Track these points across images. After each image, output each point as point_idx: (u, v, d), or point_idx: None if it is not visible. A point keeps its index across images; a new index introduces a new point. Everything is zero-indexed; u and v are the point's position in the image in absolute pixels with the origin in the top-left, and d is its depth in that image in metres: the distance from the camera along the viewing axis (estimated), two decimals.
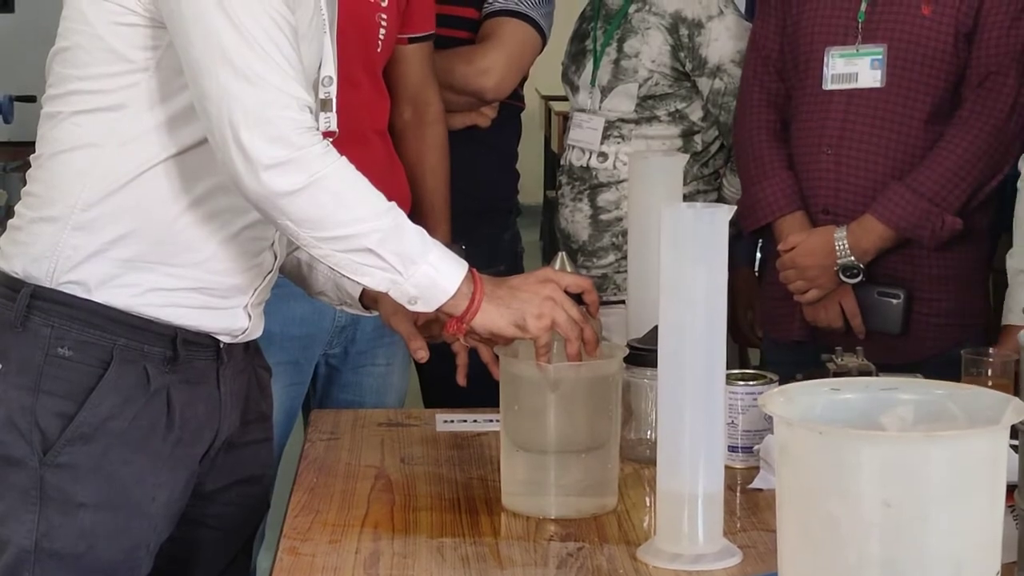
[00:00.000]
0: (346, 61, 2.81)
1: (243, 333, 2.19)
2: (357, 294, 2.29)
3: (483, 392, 2.35)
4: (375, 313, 2.33)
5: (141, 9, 1.99)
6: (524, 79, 3.38)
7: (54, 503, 2.05)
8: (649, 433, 2.27)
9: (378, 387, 3.03)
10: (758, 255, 3.35)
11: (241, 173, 1.92)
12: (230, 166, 1.94)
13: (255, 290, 2.19)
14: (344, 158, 2.01)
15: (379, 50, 2.95)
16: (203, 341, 2.14)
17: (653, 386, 2.11)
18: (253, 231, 2.14)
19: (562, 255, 2.32)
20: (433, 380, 3.24)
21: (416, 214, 2.95)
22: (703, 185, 3.29)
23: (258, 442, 2.32)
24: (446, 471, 2.35)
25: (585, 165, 3.30)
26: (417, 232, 2.03)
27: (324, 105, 2.19)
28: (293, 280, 2.40)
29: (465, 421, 2.58)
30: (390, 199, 2.26)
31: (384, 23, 2.94)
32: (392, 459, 2.40)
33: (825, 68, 3.03)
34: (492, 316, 2.04)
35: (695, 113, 3.28)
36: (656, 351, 1.99)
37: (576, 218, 3.31)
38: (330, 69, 2.20)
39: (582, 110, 3.33)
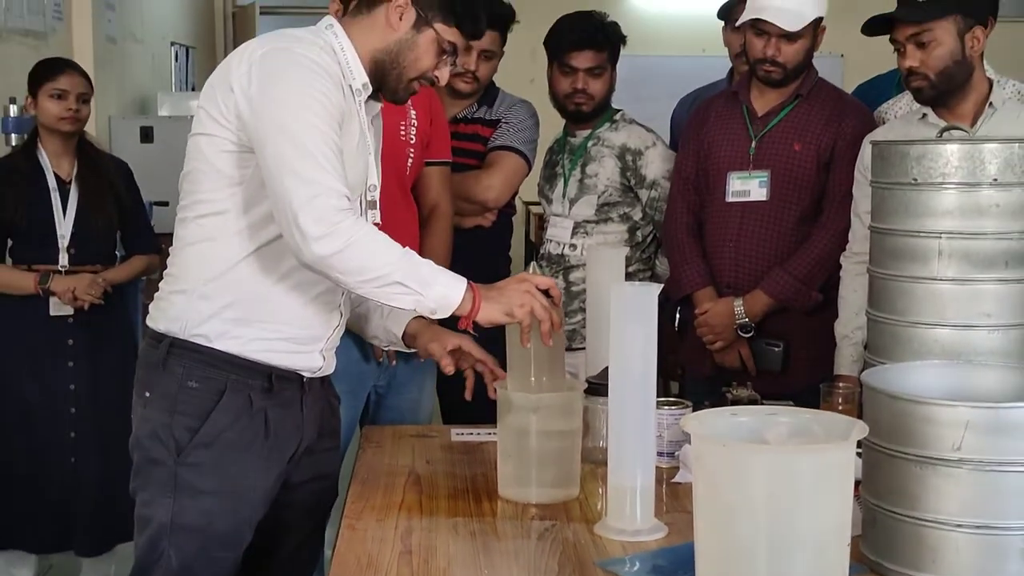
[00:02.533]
0: (384, 181, 2.86)
1: (319, 370, 2.18)
2: (400, 336, 2.30)
3: (484, 414, 2.35)
4: (413, 349, 2.33)
5: (236, 140, 2.02)
6: (515, 193, 3.39)
7: (184, 491, 2.06)
8: (601, 442, 2.25)
9: (412, 410, 3.00)
10: (677, 316, 3.34)
11: (299, 245, 1.94)
12: (292, 242, 1.95)
13: (327, 339, 2.18)
14: (370, 224, 2.03)
15: (408, 173, 2.95)
16: (291, 376, 2.13)
17: (604, 409, 2.09)
18: (325, 296, 2.14)
19: (534, 264, 2.32)
20: (449, 405, 3.23)
21: None
22: (641, 266, 3.28)
23: (329, 449, 2.30)
24: (458, 469, 2.34)
25: (560, 253, 3.28)
26: (428, 264, 2.03)
27: (371, 205, 2.20)
28: (353, 329, 2.39)
29: (472, 434, 2.56)
30: None
31: (411, 155, 2.95)
32: (420, 461, 2.39)
33: (727, 186, 3.04)
34: (489, 311, 2.04)
35: (637, 215, 3.27)
36: (607, 385, 2.00)
37: None
38: (374, 179, 2.20)
39: (556, 215, 3.33)
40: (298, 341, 2.13)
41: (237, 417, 2.08)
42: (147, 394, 2.11)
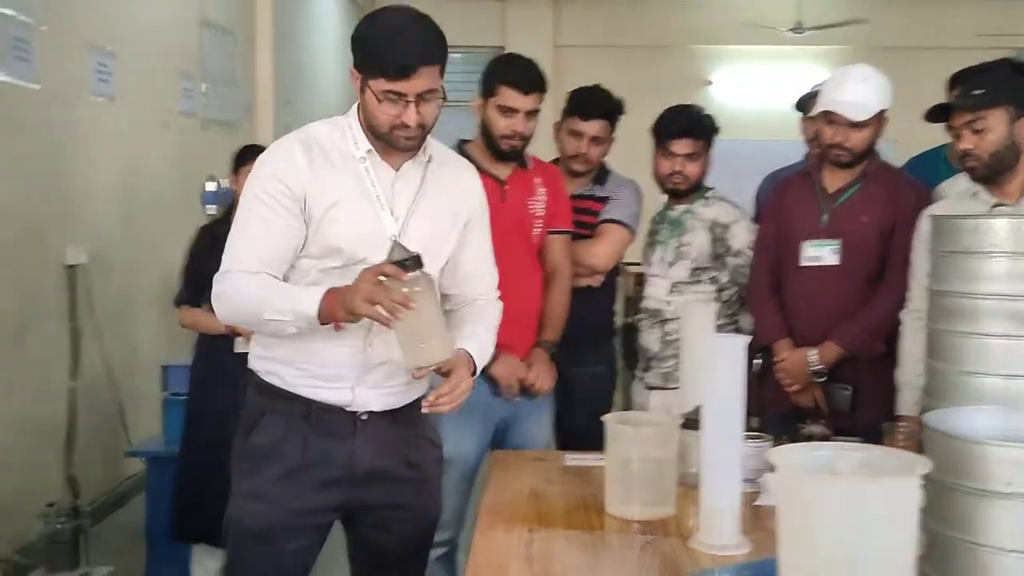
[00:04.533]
0: (514, 247, 2.88)
1: (351, 404, 2.09)
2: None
3: (591, 443, 2.36)
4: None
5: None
6: (621, 258, 3.37)
7: (234, 492, 2.13)
8: (693, 468, 2.22)
9: (532, 438, 3.00)
10: (757, 362, 3.28)
11: None
12: None
13: (354, 378, 2.08)
14: (239, 278, 2.01)
15: (534, 240, 2.98)
16: (334, 409, 2.09)
17: (698, 440, 2.06)
18: (348, 343, 2.06)
19: (394, 241, 2.00)
20: (562, 435, 3.21)
21: (542, 323, 2.99)
22: (726, 320, 3.22)
23: (410, 480, 2.17)
24: (571, 489, 2.32)
25: (658, 308, 3.26)
26: (286, 291, 1.99)
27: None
28: None
29: (582, 459, 2.54)
30: (534, 314, 2.54)
31: (538, 225, 2.98)
32: (539, 481, 2.38)
33: (801, 253, 3.00)
34: (337, 313, 1.93)
35: (724, 278, 3.23)
36: (699, 420, 1.98)
37: (651, 338, 3.27)
38: (393, 229, 2.05)
39: (655, 275, 3.30)
40: (323, 378, 2.08)
41: (274, 436, 2.08)
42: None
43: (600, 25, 9.77)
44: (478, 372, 2.12)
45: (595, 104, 3.23)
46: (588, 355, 3.24)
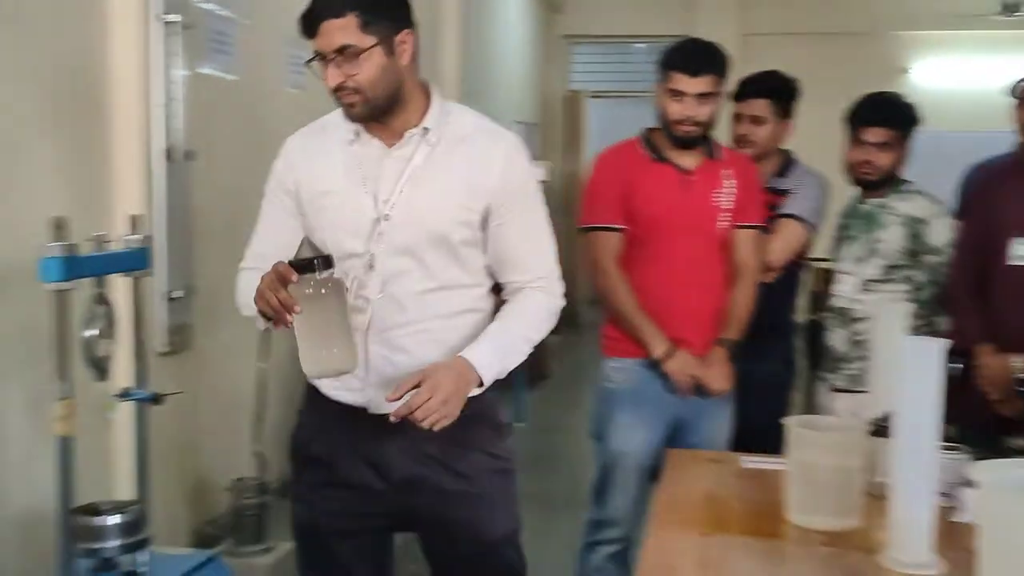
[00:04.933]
0: (694, 240, 2.79)
1: (369, 406, 1.98)
2: None
3: (769, 445, 2.28)
4: None
5: None
6: (797, 254, 3.22)
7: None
8: (882, 478, 2.11)
9: (710, 438, 2.91)
10: (954, 368, 3.08)
11: None
12: None
13: (362, 378, 1.96)
14: (245, 274, 2.02)
15: (717, 233, 2.88)
16: (359, 412, 1.98)
17: (887, 449, 1.96)
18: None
19: (304, 238, 1.94)
20: (739, 437, 3.09)
21: (725, 321, 2.90)
22: (922, 321, 3.04)
23: (458, 492, 2.01)
24: (748, 493, 2.24)
25: (847, 307, 3.13)
26: (249, 290, 1.88)
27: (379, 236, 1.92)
28: None
29: (759, 462, 2.44)
30: (713, 310, 2.48)
31: (723, 218, 2.88)
32: (715, 483, 2.31)
33: (1010, 251, 2.81)
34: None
35: (920, 277, 3.06)
36: (889, 427, 1.87)
37: (838, 338, 3.14)
38: (371, 213, 1.92)
39: (844, 272, 3.16)
40: (340, 379, 1.96)
41: (308, 435, 2.06)
42: None
43: (790, 11, 9.46)
44: (486, 385, 1.92)
45: (751, 83, 3.16)
46: (762, 352, 3.13)
